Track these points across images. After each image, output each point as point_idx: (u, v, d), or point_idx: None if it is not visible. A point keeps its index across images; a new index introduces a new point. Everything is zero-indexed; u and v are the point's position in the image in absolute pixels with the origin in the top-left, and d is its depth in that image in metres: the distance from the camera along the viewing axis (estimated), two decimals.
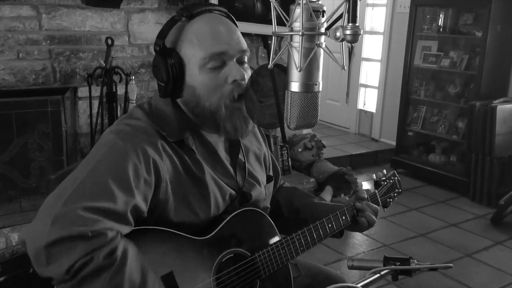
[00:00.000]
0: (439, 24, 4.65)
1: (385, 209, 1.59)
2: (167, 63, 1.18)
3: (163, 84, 1.19)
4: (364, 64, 5.79)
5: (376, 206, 1.45)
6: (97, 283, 1.00)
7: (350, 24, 0.80)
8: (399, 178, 1.61)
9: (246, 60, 1.24)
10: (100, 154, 1.12)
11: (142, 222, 1.15)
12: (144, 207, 1.12)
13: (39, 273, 1.02)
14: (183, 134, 1.20)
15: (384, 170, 1.61)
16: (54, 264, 0.98)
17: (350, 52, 5.74)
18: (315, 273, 1.53)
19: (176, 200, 1.17)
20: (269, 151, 1.54)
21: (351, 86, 5.88)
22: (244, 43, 1.23)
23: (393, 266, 1.06)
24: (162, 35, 1.20)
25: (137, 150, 1.11)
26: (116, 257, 1.01)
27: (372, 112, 5.67)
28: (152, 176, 1.12)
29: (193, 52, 1.18)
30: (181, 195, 1.18)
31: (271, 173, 1.51)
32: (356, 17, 0.80)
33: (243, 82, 1.19)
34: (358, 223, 1.42)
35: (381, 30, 5.48)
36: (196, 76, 1.19)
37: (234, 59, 1.20)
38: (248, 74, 1.22)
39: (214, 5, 1.25)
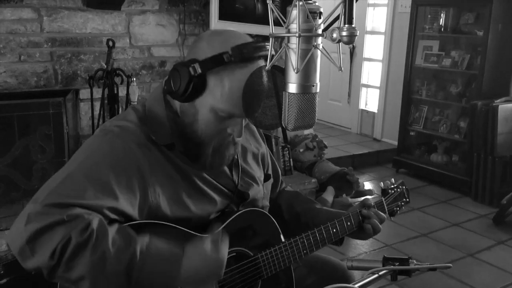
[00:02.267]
0: (440, 23, 4.65)
1: (391, 217, 1.59)
2: (192, 79, 1.13)
3: (173, 89, 1.15)
4: (365, 64, 5.79)
5: (383, 214, 1.45)
6: (82, 260, 1.00)
7: (346, 25, 0.81)
8: (407, 188, 1.62)
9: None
10: (84, 155, 1.13)
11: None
12: (130, 211, 1.11)
13: (26, 268, 1.03)
14: (174, 137, 1.20)
15: (393, 179, 1.61)
16: (38, 253, 1.00)
17: (352, 52, 5.74)
18: (313, 261, 1.53)
19: (170, 202, 1.18)
20: (269, 151, 1.55)
21: (352, 86, 5.88)
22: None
23: (392, 267, 1.06)
24: (205, 67, 1.12)
25: (120, 154, 1.12)
26: (92, 230, 1.01)
27: (374, 112, 5.66)
28: (135, 180, 1.12)
29: (217, 95, 1.14)
30: (175, 197, 1.19)
31: (269, 172, 1.51)
32: (352, 18, 0.80)
33: (239, 139, 1.21)
34: (362, 230, 1.41)
35: (382, 30, 5.48)
36: (205, 108, 1.16)
37: (243, 120, 1.20)
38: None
39: (265, 50, 1.16)
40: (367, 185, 4.36)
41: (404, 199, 1.60)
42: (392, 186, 1.58)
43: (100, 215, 1.05)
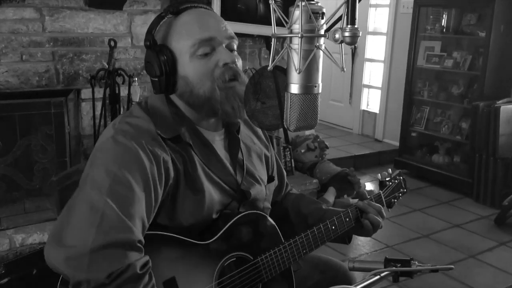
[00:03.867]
0: (442, 24, 4.64)
1: (389, 209, 1.57)
2: (159, 58, 1.19)
3: (156, 79, 1.21)
4: (367, 65, 5.78)
5: (378, 205, 1.44)
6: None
7: (349, 26, 0.80)
8: (404, 178, 1.60)
9: (235, 47, 1.26)
10: (116, 164, 1.09)
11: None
12: (154, 208, 1.13)
13: (71, 277, 1.00)
14: (179, 130, 1.21)
15: (390, 170, 1.59)
16: (95, 268, 0.99)
17: (354, 53, 5.74)
18: (315, 263, 1.53)
19: (175, 197, 1.18)
20: (275, 154, 1.54)
21: (354, 87, 5.87)
22: (231, 31, 1.25)
23: (393, 268, 1.05)
24: (150, 30, 1.22)
25: (147, 151, 1.12)
26: (148, 268, 1.04)
27: (376, 113, 5.66)
28: (163, 175, 1.13)
29: (182, 43, 1.20)
30: (176, 192, 1.19)
31: (273, 174, 1.50)
32: (355, 19, 0.80)
33: (234, 65, 1.21)
34: (362, 227, 1.40)
35: (384, 30, 5.48)
36: (187, 65, 1.20)
37: (223, 45, 1.22)
38: (239, 60, 1.25)
39: (198, 2, 1.28)
40: (369, 186, 4.36)
41: (402, 190, 1.57)
42: (389, 178, 1.56)
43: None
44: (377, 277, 1.01)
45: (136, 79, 3.07)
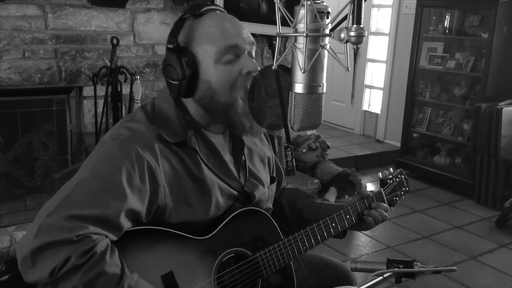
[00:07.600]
0: (445, 25, 4.64)
1: (391, 208, 1.56)
2: (181, 61, 1.18)
3: (177, 83, 1.19)
4: (369, 65, 5.77)
5: (386, 206, 1.44)
6: (72, 280, 1.00)
7: (354, 25, 0.80)
8: (406, 177, 1.58)
9: (254, 54, 1.25)
10: (95, 161, 1.14)
11: (145, 223, 1.15)
12: (141, 209, 1.12)
13: (27, 281, 1.02)
14: (185, 134, 1.20)
15: (391, 169, 1.58)
16: (39, 266, 1.00)
17: (356, 53, 5.73)
18: (316, 263, 1.53)
19: (176, 202, 1.18)
20: (273, 153, 1.54)
21: (356, 87, 5.86)
22: (251, 36, 1.25)
23: (396, 269, 1.05)
24: (174, 33, 1.20)
25: (132, 157, 1.12)
26: (94, 252, 1.01)
27: (377, 113, 5.65)
28: (147, 182, 1.13)
29: (206, 48, 1.19)
30: (181, 197, 1.19)
31: (274, 175, 1.51)
32: (360, 18, 0.80)
33: (256, 74, 1.21)
34: (363, 222, 1.40)
35: (387, 31, 5.47)
36: (211, 70, 1.19)
37: (246, 52, 1.22)
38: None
39: (216, 5, 1.27)
40: (370, 187, 4.35)
41: (403, 188, 1.56)
42: (391, 176, 1.54)
43: (110, 234, 1.06)
44: (380, 278, 1.00)
45: (138, 77, 3.07)
